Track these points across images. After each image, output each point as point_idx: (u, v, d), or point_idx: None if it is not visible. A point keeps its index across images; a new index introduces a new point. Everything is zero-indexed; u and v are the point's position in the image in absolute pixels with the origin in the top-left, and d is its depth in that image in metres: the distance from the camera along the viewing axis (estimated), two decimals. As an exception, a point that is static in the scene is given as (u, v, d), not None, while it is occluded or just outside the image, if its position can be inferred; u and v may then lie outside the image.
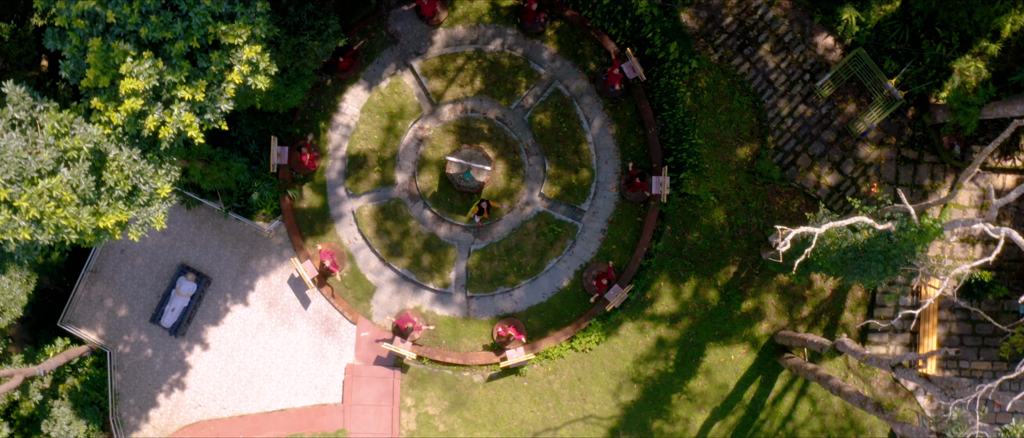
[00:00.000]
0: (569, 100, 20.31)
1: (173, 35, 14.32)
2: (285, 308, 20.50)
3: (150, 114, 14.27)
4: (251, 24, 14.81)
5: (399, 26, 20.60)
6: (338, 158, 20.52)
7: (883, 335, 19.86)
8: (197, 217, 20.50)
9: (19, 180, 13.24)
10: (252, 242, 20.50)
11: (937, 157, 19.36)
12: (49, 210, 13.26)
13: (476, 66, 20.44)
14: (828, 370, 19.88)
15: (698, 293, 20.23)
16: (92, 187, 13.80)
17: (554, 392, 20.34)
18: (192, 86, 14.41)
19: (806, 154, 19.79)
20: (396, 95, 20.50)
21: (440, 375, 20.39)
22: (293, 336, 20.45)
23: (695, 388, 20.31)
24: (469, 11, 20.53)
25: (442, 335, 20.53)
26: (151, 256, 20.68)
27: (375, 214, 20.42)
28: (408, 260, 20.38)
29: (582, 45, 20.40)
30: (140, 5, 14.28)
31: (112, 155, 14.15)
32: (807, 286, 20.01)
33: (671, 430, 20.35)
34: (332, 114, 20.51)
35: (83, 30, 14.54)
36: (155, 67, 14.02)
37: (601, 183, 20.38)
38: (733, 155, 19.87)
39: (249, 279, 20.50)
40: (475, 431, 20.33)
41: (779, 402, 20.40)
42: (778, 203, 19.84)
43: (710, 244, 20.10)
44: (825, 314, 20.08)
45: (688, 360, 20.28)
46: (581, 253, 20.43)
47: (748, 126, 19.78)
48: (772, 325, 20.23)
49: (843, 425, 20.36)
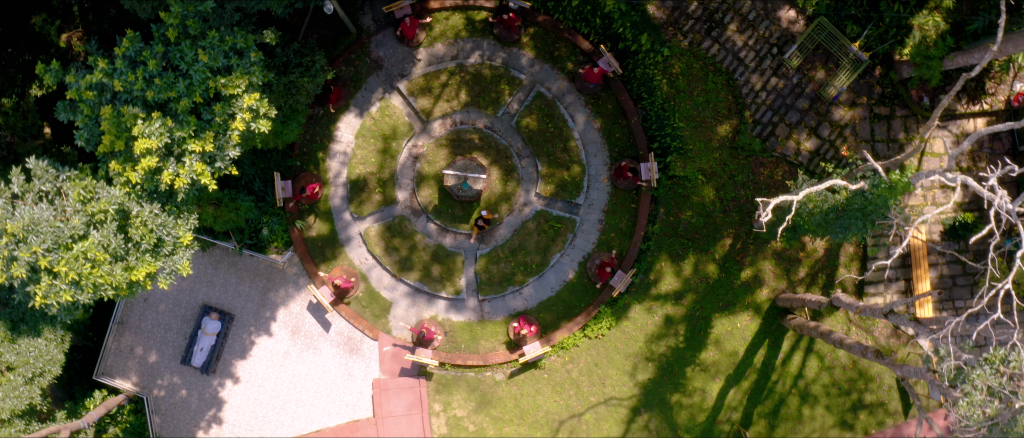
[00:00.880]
0: (552, 101, 21.68)
1: (177, 94, 15.72)
2: (308, 333, 21.92)
3: (165, 169, 15.67)
4: (247, 73, 16.20)
5: (381, 52, 21.97)
6: (339, 185, 21.91)
7: (879, 286, 21.25)
8: (213, 258, 21.91)
9: (56, 247, 14.64)
10: (268, 275, 21.92)
11: (908, 110, 20.71)
12: (86, 271, 14.67)
13: (460, 80, 21.82)
14: (830, 326, 21.28)
15: (698, 268, 21.63)
16: (121, 244, 15.21)
17: (574, 380, 21.72)
18: (200, 138, 15.81)
19: (783, 124, 21.18)
20: (387, 118, 21.88)
21: (463, 378, 21.79)
22: (319, 359, 21.87)
23: (707, 359, 21.70)
24: (446, 28, 21.90)
25: (460, 340, 21.93)
26: (173, 301, 22.10)
27: (382, 233, 21.81)
28: (419, 273, 21.78)
29: (557, 47, 21.77)
30: (144, 71, 15.69)
31: (135, 212, 15.56)
32: (800, 249, 21.41)
33: (689, 402, 21.75)
34: (328, 144, 21.90)
35: (93, 100, 15.94)
36: (164, 126, 15.42)
37: (593, 176, 21.76)
38: (714, 133, 21.27)
39: (270, 311, 21.91)
40: (504, 427, 21.72)
41: (788, 362, 21.80)
42: (763, 174, 21.23)
43: (703, 221, 21.51)
44: (821, 273, 21.48)
45: (697, 333, 21.68)
46: (582, 245, 21.82)
47: (725, 104, 21.17)
48: (772, 290, 21.63)
49: (852, 376, 21.76)
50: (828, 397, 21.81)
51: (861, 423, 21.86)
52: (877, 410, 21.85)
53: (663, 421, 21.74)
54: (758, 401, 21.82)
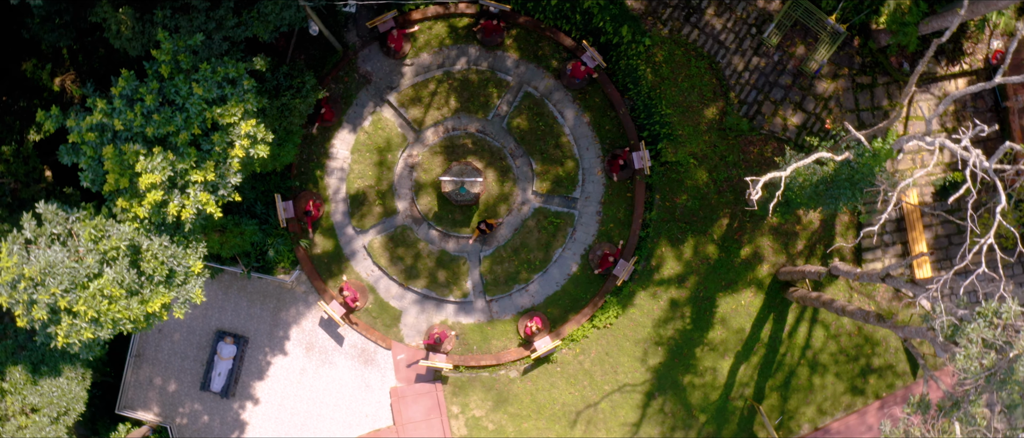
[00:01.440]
0: (540, 100, 22.30)
1: (176, 128, 16.35)
2: (322, 349, 22.57)
3: (170, 202, 16.32)
4: (242, 101, 16.83)
5: (369, 66, 22.59)
6: (339, 200, 22.54)
7: (876, 251, 21.86)
8: (222, 284, 22.56)
9: (73, 287, 15.29)
10: (278, 295, 22.56)
11: (890, 77, 21.30)
12: (104, 308, 15.31)
13: (448, 87, 22.43)
14: (831, 295, 21.90)
15: (698, 250, 22.26)
16: (135, 278, 15.86)
17: (586, 371, 22.35)
18: (202, 168, 16.45)
19: (768, 101, 21.78)
20: (380, 130, 22.51)
21: (478, 378, 22.42)
22: (335, 373, 22.52)
23: (715, 338, 22.32)
24: (430, 38, 22.51)
25: (472, 341, 22.57)
26: (187, 329, 22.75)
27: (385, 244, 22.44)
28: (425, 280, 22.41)
29: (541, 46, 22.38)
30: (141, 108, 16.32)
31: (145, 246, 16.20)
32: (796, 222, 22.03)
33: (701, 382, 22.37)
34: (325, 161, 22.53)
35: (94, 141, 16.57)
36: (166, 159, 16.06)
37: (587, 169, 22.38)
38: (702, 117, 21.88)
39: (283, 330, 22.56)
40: (522, 423, 22.35)
41: (795, 334, 22.42)
42: (752, 152, 21.85)
43: (699, 203, 22.14)
44: (819, 244, 22.09)
45: (703, 314, 22.30)
46: (583, 238, 22.44)
47: (709, 87, 21.78)
48: (772, 265, 22.25)
49: (858, 342, 22.37)
50: (837, 365, 22.44)
51: (871, 387, 22.48)
52: (886, 373, 22.48)
53: (677, 403, 22.37)
54: (768, 375, 22.44)
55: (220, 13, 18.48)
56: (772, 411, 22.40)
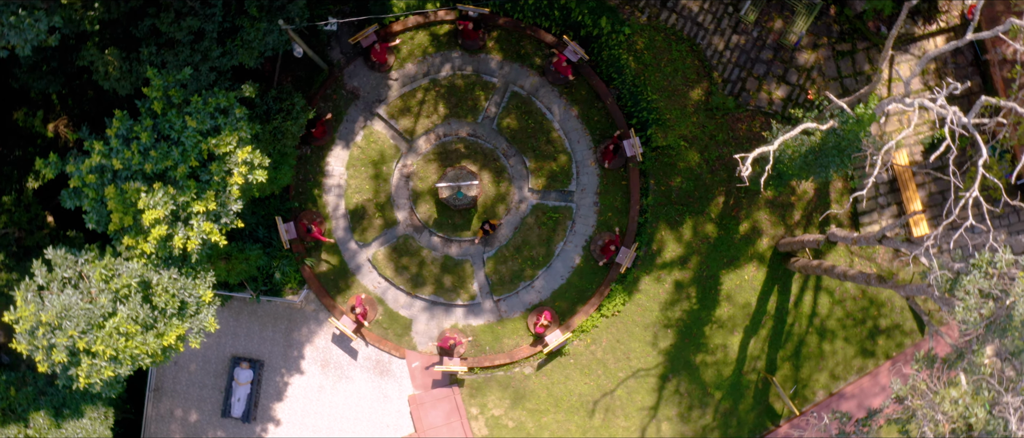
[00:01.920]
0: (527, 98, 22.76)
1: (173, 162, 16.83)
2: (338, 365, 23.07)
3: (175, 235, 16.80)
4: (235, 130, 17.31)
5: (355, 82, 23.05)
6: (340, 217, 23.02)
7: (872, 214, 22.33)
8: (232, 310, 23.05)
9: (89, 328, 15.78)
10: (289, 316, 23.06)
11: (869, 42, 21.74)
12: (122, 345, 15.81)
13: (435, 95, 22.90)
14: (832, 261, 22.37)
15: (697, 231, 22.73)
16: (149, 313, 16.36)
17: (599, 360, 22.83)
18: (203, 199, 16.93)
19: (752, 78, 22.24)
20: (373, 144, 22.98)
21: (494, 378, 22.91)
22: (353, 387, 23.02)
23: (722, 315, 22.80)
24: (413, 48, 22.97)
25: (484, 342, 23.05)
26: (203, 359, 23.25)
27: (389, 255, 22.92)
28: (432, 286, 22.89)
29: (523, 45, 22.84)
30: (138, 146, 16.80)
31: (155, 281, 16.69)
32: (790, 193, 22.50)
33: (713, 359, 22.85)
34: (322, 179, 23.00)
35: (95, 183, 17.05)
36: (167, 194, 16.55)
37: (580, 162, 22.85)
38: (688, 99, 22.35)
39: (297, 350, 23.06)
40: (541, 417, 22.84)
41: (800, 303, 22.90)
42: (741, 129, 22.31)
43: (693, 184, 22.61)
44: (815, 212, 22.56)
45: (708, 293, 22.78)
46: (582, 230, 22.91)
47: (693, 69, 22.25)
48: (771, 237, 22.73)
49: (863, 305, 22.85)
50: (844, 329, 22.91)
51: (880, 348, 22.96)
52: (894, 333, 22.95)
53: (692, 382, 22.85)
54: (779, 346, 22.92)
55: (205, 45, 18.96)
56: (786, 381, 22.88)
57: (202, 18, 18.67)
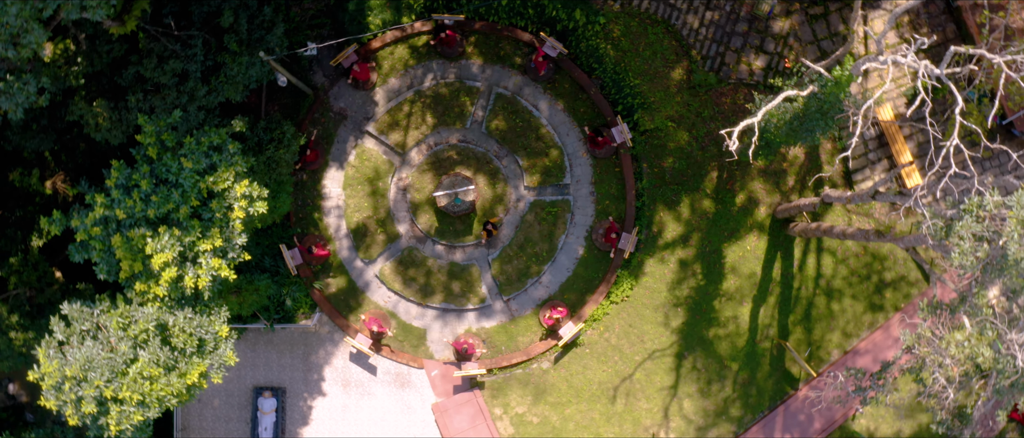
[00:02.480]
0: (512, 98, 23.27)
1: (175, 204, 17.37)
2: (358, 383, 23.63)
3: (185, 275, 17.34)
4: (231, 165, 17.85)
5: (342, 102, 23.56)
6: (342, 237, 23.55)
7: (865, 170, 22.82)
8: (248, 342, 23.61)
9: (114, 376, 16.35)
10: (304, 341, 23.61)
11: (841, 2, 22.19)
12: (147, 389, 16.39)
13: (422, 106, 23.41)
14: (830, 222, 22.87)
15: (695, 208, 23.25)
16: (169, 355, 16.93)
17: (614, 346, 23.36)
18: (208, 237, 17.48)
19: (730, 51, 22.72)
20: (366, 162, 23.49)
21: (513, 377, 23.46)
22: (376, 403, 23.58)
23: (729, 287, 23.32)
24: (394, 63, 23.47)
25: (499, 342, 23.59)
26: (225, 393, 23.81)
27: (396, 269, 23.46)
28: (442, 294, 23.43)
29: (501, 46, 23.33)
30: (139, 193, 17.34)
31: (172, 322, 17.27)
32: (782, 160, 23.00)
33: (726, 332, 23.38)
34: (320, 203, 23.52)
35: (101, 235, 17.59)
36: (173, 236, 17.09)
37: (571, 154, 23.36)
38: (670, 80, 22.84)
39: (317, 373, 23.62)
40: (564, 409, 23.39)
41: (804, 266, 23.42)
42: (725, 103, 22.80)
43: (685, 163, 23.12)
44: (808, 175, 23.07)
45: (712, 267, 23.30)
46: (582, 220, 23.43)
47: (671, 50, 22.73)
48: (768, 205, 23.23)
49: (866, 260, 23.37)
50: (851, 287, 23.43)
51: (888, 301, 23.48)
52: (900, 284, 23.47)
53: (707, 357, 23.38)
54: (789, 311, 23.44)
55: (190, 85, 19.47)
56: (800, 345, 23.40)
57: (184, 59, 19.18)
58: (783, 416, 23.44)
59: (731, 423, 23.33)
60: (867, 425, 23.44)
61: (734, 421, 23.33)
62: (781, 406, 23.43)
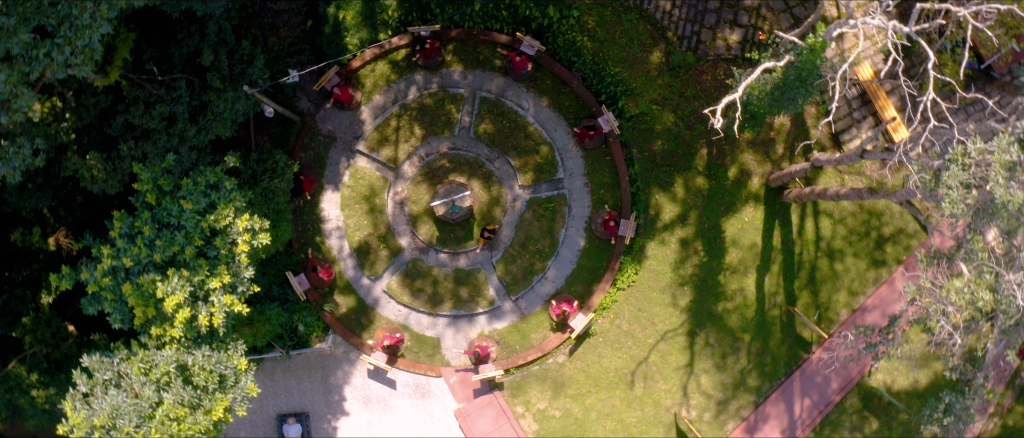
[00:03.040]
0: (497, 100, 23.74)
1: (180, 246, 17.87)
2: (379, 398, 24.16)
3: (199, 314, 17.84)
4: (230, 201, 18.34)
5: (329, 125, 24.02)
6: (346, 257, 24.05)
7: (851, 130, 23.29)
8: (267, 371, 24.14)
9: (142, 422, 16.86)
10: (321, 364, 24.13)
11: (810, -35, 22.63)
12: (175, 430, 16.92)
13: (409, 119, 23.88)
14: (823, 185, 23.36)
15: (689, 187, 23.73)
16: (192, 394, 17.46)
17: (626, 332, 23.87)
18: (216, 274, 17.99)
19: (705, 29, 23.17)
20: (361, 181, 23.98)
21: (531, 374, 23.98)
22: (399, 416, 24.12)
23: (733, 261, 23.82)
24: (376, 80, 23.93)
25: (513, 342, 24.11)
26: (249, 424, 24.34)
27: (402, 282, 23.96)
28: (451, 302, 23.94)
29: (480, 51, 23.79)
30: (143, 240, 17.82)
31: (191, 362, 17.79)
32: (768, 130, 23.46)
33: (734, 305, 23.88)
34: (321, 226, 24.01)
35: (111, 285, 18.09)
36: (182, 278, 17.59)
37: (561, 149, 23.83)
38: (649, 64, 23.29)
39: (337, 395, 24.14)
40: (585, 400, 23.91)
41: (803, 231, 23.91)
42: (706, 80, 23.27)
43: (674, 144, 23.60)
44: (796, 142, 23.54)
45: (713, 243, 23.80)
46: (580, 212, 23.92)
47: (647, 35, 23.18)
48: (761, 176, 23.72)
49: (864, 218, 23.86)
50: (851, 246, 23.92)
51: (890, 255, 23.98)
52: (899, 237, 23.96)
53: (719, 331, 23.89)
54: (793, 277, 23.94)
55: (179, 127, 19.93)
56: (808, 309, 23.90)
57: (171, 103, 19.63)
58: (800, 380, 23.96)
59: (750, 393, 23.85)
60: (884, 379, 23.97)
61: (753, 391, 23.85)
62: (797, 371, 23.95)
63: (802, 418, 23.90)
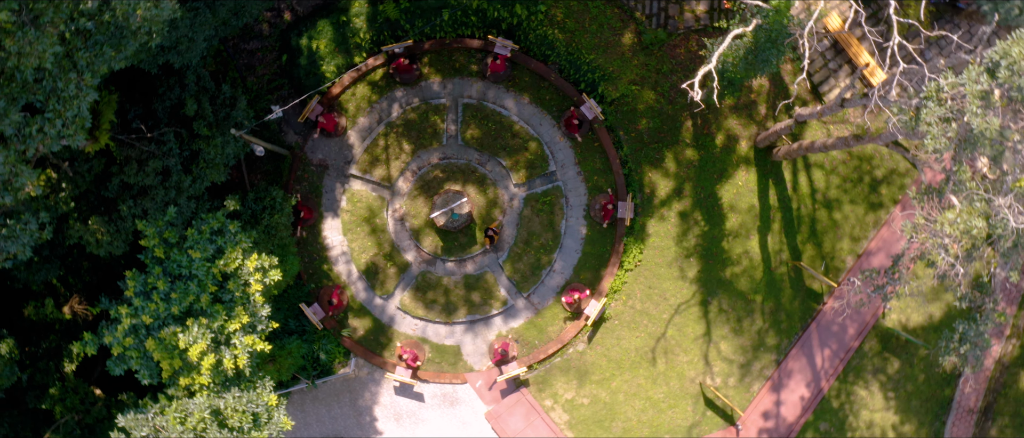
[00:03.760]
0: (479, 104, 24.35)
1: (194, 296, 18.51)
2: (409, 413, 24.82)
3: (223, 358, 18.46)
4: (236, 244, 18.94)
5: (319, 154, 24.63)
6: (356, 280, 24.68)
7: (829, 80, 23.88)
8: (295, 404, 24.80)
9: (183, 471, 17.51)
10: (348, 388, 24.79)
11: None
12: (217, 474, 17.53)
13: (396, 136, 24.49)
14: (810, 138, 23.98)
15: (679, 160, 24.35)
16: (229, 436, 18.05)
17: (640, 311, 24.51)
18: (234, 317, 18.60)
19: (671, 4, 23.77)
20: (359, 204, 24.60)
21: (554, 366, 24.63)
22: (431, 427, 24.79)
23: (733, 225, 24.45)
24: (358, 103, 24.53)
25: (531, 338, 24.76)
26: (286, 458, 25.00)
27: (414, 297, 24.60)
28: (465, 308, 24.58)
29: (455, 59, 24.39)
30: (158, 295, 18.43)
31: (223, 405, 18.41)
32: (748, 93, 24.06)
33: (741, 269, 24.51)
34: (326, 254, 24.64)
35: (134, 344, 18.71)
36: (201, 325, 18.22)
37: (549, 142, 24.45)
38: (622, 47, 23.89)
39: (367, 415, 24.80)
40: (610, 384, 24.56)
41: (798, 186, 24.53)
42: (680, 53, 23.86)
43: (659, 121, 24.21)
44: (778, 100, 24.15)
45: (711, 210, 24.43)
46: (577, 201, 24.55)
47: (615, 18, 23.78)
48: (748, 139, 24.33)
49: (854, 164, 24.48)
50: (847, 193, 24.55)
51: (885, 196, 24.60)
52: (892, 178, 24.58)
53: (731, 296, 24.53)
54: (795, 232, 24.57)
55: (174, 180, 20.55)
56: (814, 261, 24.53)
57: (162, 157, 20.24)
58: (817, 332, 24.60)
59: (770, 352, 24.49)
60: (898, 318, 24.61)
61: (772, 349, 24.50)
62: (812, 323, 24.59)
63: (825, 368, 24.55)
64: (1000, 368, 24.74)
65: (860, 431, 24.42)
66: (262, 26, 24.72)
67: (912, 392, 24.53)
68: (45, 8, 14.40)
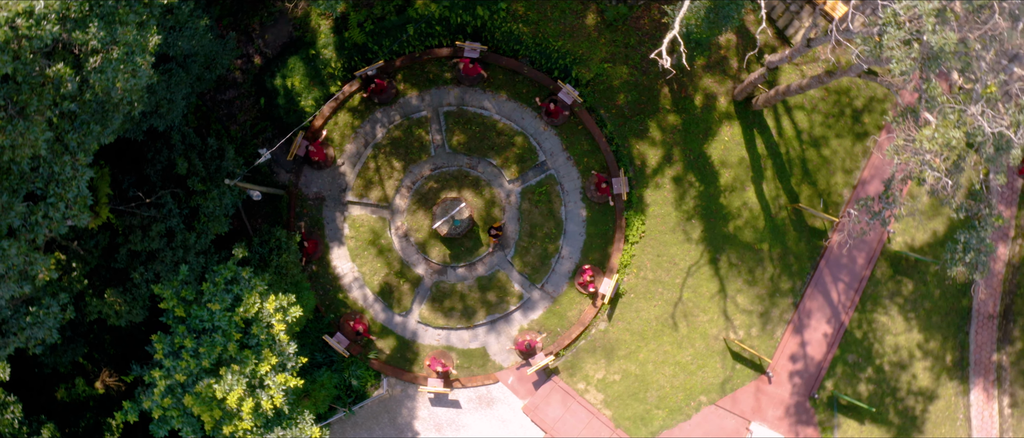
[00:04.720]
0: (459, 110, 25.19)
1: (221, 346, 19.39)
2: (449, 421, 25.70)
3: (261, 400, 19.31)
4: (252, 289, 19.77)
5: (314, 187, 25.46)
6: (372, 303, 25.51)
7: (793, 23, 24.64)
8: (336, 434, 25.73)
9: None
10: (385, 408, 25.66)
11: None
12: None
13: (384, 156, 25.31)
14: (786, 82, 24.76)
15: (663, 128, 25.14)
16: (279, 474, 18.98)
17: (653, 280, 25.33)
18: (263, 359, 19.44)
19: (629, -23, 24.50)
20: (361, 228, 25.43)
21: (580, 350, 25.49)
22: (472, 431, 25.69)
23: (727, 181, 25.25)
24: (343, 130, 25.35)
25: (552, 326, 25.60)
26: (336, 487, 25.87)
27: (432, 308, 25.44)
28: (483, 310, 25.44)
29: (428, 71, 25.20)
30: (187, 353, 19.29)
31: (268, 446, 19.30)
32: (718, 49, 24.82)
33: (742, 221, 25.31)
34: (339, 283, 25.48)
35: (172, 404, 19.58)
36: (234, 373, 19.06)
37: (534, 134, 25.27)
38: (587, 28, 24.69)
39: (409, 432, 25.70)
40: (638, 356, 25.37)
41: (782, 131, 25.32)
42: (645, 24, 24.64)
43: (636, 93, 25.01)
44: (747, 50, 24.89)
45: (703, 170, 25.23)
46: (572, 186, 25.37)
47: (576, 1, 24.57)
48: (726, 94, 25.12)
49: (834, 99, 25.27)
50: (831, 129, 25.33)
51: (869, 125, 25.38)
52: (872, 105, 25.36)
53: (738, 249, 25.34)
54: (788, 176, 25.36)
55: (179, 239, 21.38)
56: (812, 200, 25.31)
57: (163, 219, 21.06)
58: (827, 268, 25.41)
59: (786, 296, 25.31)
60: (904, 240, 25.41)
61: (788, 293, 25.32)
62: (821, 261, 25.40)
63: (842, 302, 25.35)
64: (1011, 269, 25.53)
65: (888, 356, 25.23)
66: (235, 74, 25.52)
67: (931, 309, 25.33)
68: (29, 98, 15.20)
